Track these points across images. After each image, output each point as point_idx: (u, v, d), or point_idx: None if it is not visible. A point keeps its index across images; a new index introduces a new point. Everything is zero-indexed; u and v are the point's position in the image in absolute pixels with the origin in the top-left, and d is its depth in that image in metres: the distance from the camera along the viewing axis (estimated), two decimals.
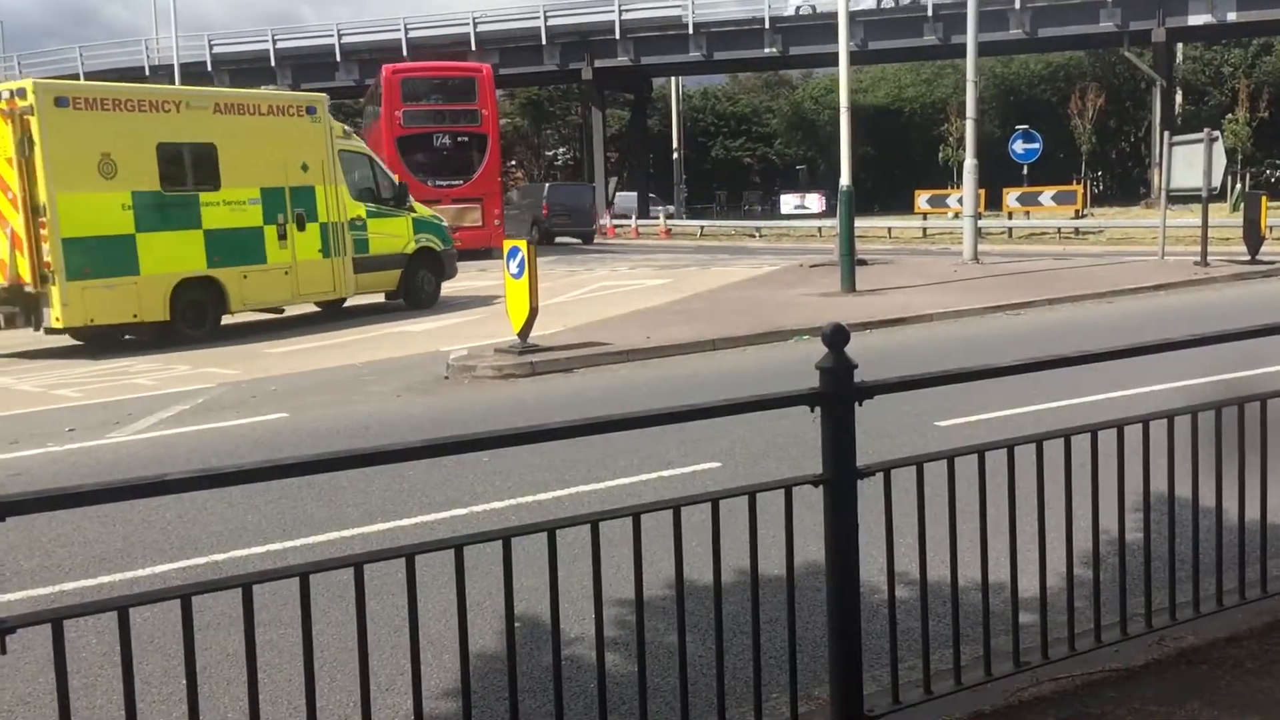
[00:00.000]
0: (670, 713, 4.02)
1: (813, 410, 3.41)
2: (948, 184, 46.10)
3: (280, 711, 4.23)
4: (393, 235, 19.23)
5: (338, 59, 50.35)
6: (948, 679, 3.78)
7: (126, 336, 15.79)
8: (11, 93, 14.45)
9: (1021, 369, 4.09)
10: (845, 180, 18.07)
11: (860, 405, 3.43)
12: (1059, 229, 34.57)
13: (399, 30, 49.54)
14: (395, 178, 20.18)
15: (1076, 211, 36.59)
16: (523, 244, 12.43)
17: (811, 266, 23.78)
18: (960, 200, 28.42)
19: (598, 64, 49.33)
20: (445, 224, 21.25)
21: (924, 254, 29.36)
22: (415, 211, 20.00)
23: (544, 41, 48.75)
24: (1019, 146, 33.96)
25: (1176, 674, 3.96)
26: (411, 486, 7.18)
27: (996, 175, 35.29)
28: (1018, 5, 42.96)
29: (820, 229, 40.57)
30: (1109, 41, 46.88)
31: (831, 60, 34.58)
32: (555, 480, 7.25)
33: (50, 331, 14.96)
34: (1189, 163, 20.56)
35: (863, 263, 20.61)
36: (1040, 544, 3.92)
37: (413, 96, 33.22)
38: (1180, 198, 23.43)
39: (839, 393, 3.37)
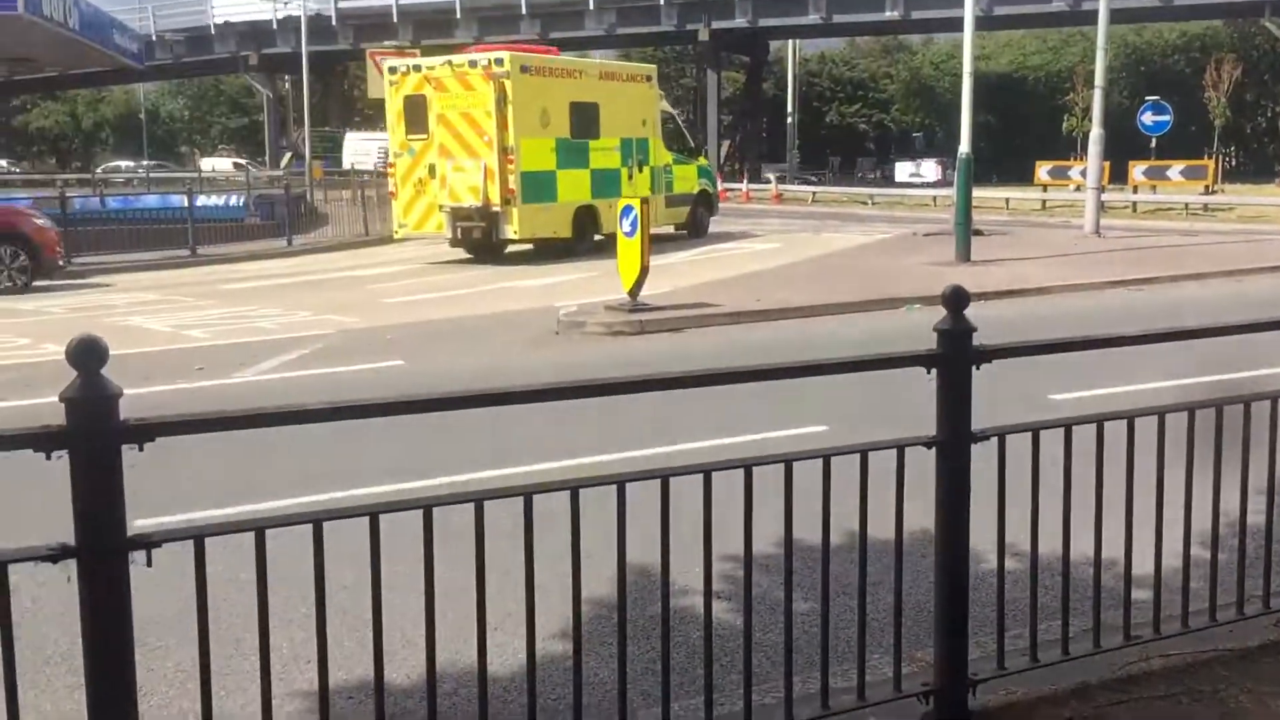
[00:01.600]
0: (773, 667, 4.07)
1: (929, 372, 3.40)
2: (1070, 155, 44.83)
3: (394, 643, 4.38)
4: (686, 179, 24.31)
5: (458, 16, 50.79)
6: (1054, 649, 3.75)
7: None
8: (491, 60, 19.26)
9: (1145, 339, 4.00)
10: (965, 147, 17.73)
11: (978, 369, 3.40)
12: (1186, 205, 33.34)
13: None
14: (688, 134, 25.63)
15: (1206, 187, 35.25)
16: (636, 203, 12.49)
17: (925, 235, 23.39)
18: (1083, 172, 27.66)
19: (715, 25, 48.91)
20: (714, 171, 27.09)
21: (1042, 226, 28.61)
22: (699, 160, 25.40)
23: (661, 2, 48.47)
24: (1148, 118, 32.77)
25: None
26: (523, 436, 7.33)
27: (1122, 148, 34.15)
28: None
29: (935, 198, 39.81)
30: (1250, 11, 44.85)
31: (955, 25, 33.74)
32: (662, 437, 7.33)
33: (503, 242, 19.97)
34: None
35: (978, 233, 20.20)
36: (1157, 521, 3.85)
37: None
38: None
39: (957, 355, 3.35)
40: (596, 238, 20.93)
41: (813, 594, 4.67)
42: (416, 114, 19.82)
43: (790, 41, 57.91)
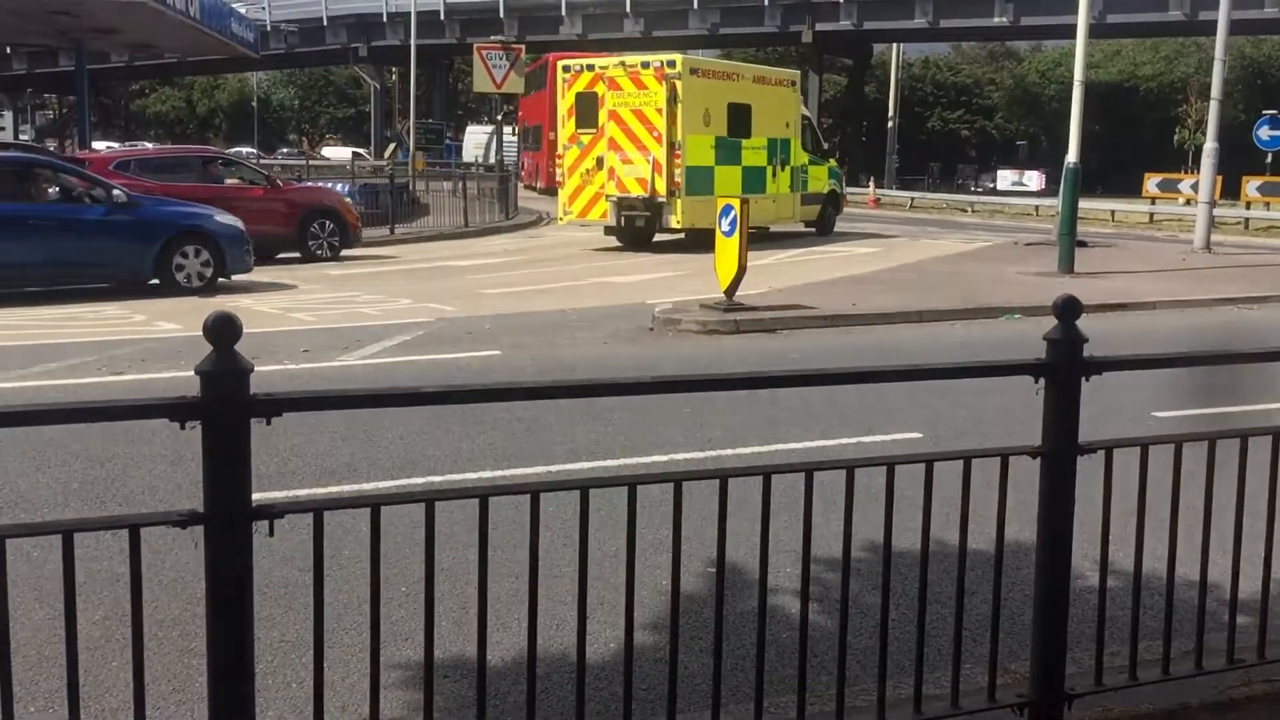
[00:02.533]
0: (863, 671, 4.07)
1: (1036, 381, 3.37)
2: (1180, 168, 43.64)
3: (491, 625, 4.47)
4: (818, 179, 25.47)
5: (563, 13, 51.22)
6: (1154, 668, 3.69)
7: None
8: (663, 63, 20.48)
9: (1258, 357, 3.91)
10: (1072, 156, 17.39)
11: (1087, 380, 3.37)
12: None
13: None
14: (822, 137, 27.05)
15: None
16: (736, 202, 12.51)
17: (1026, 245, 22.99)
18: (1193, 185, 26.91)
19: (819, 27, 48.63)
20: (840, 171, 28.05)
21: (1149, 240, 27.92)
22: (829, 162, 26.53)
23: (766, 3, 48.31)
24: (1264, 133, 31.71)
25: None
26: (615, 430, 7.40)
27: (1236, 162, 33.09)
28: None
29: (1037, 208, 39.04)
30: None
31: (1064, 32, 33.07)
32: (755, 438, 7.34)
33: (665, 230, 21.17)
34: None
35: (1082, 244, 19.78)
36: (1268, 545, 3.77)
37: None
38: None
39: (1067, 365, 3.32)
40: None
41: (905, 600, 4.66)
42: (588, 109, 20.96)
43: (894, 45, 57.29)
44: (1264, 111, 33.20)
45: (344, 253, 19.66)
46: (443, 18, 52.72)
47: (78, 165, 16.24)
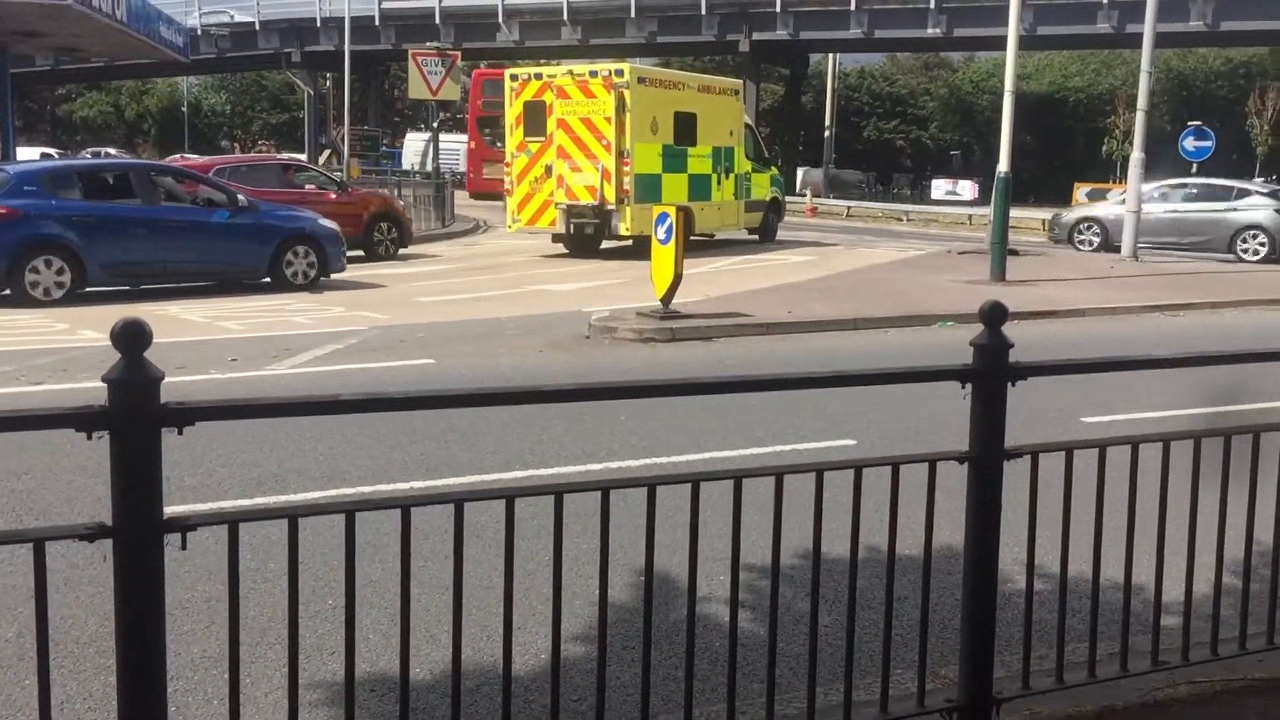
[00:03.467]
0: (794, 677, 4.06)
1: (964, 386, 3.38)
2: (1110, 178, 44.55)
3: (419, 639, 4.40)
4: (761, 186, 25.89)
5: (500, 20, 51.01)
6: (1080, 670, 3.72)
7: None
8: (611, 72, 20.77)
9: (1184, 362, 3.97)
10: (1004, 166, 17.63)
11: (1013, 385, 3.38)
12: None
13: None
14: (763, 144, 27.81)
15: None
16: (671, 210, 12.51)
17: (960, 253, 23.28)
18: (1122, 195, 27.42)
19: (756, 36, 48.90)
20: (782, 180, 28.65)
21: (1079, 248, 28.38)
22: (771, 170, 27.10)
23: (703, 11, 48.52)
24: (1189, 144, 32.44)
25: None
26: (551, 439, 7.34)
27: (1163, 172, 33.82)
28: None
29: (970, 216, 39.63)
30: None
31: (996, 44, 33.60)
32: (691, 445, 7.32)
33: (614, 237, 21.27)
34: None
35: (1014, 253, 20.08)
36: (1189, 547, 3.82)
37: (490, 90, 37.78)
38: None
39: (993, 370, 3.33)
40: (691, 237, 21.73)
41: (837, 606, 4.66)
42: (536, 118, 21.14)
43: (830, 55, 57.83)
44: (1189, 122, 33.99)
45: (400, 251, 21.13)
46: (378, 23, 52.23)
47: (202, 173, 17.63)
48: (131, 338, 2.38)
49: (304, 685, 4.10)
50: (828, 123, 57.54)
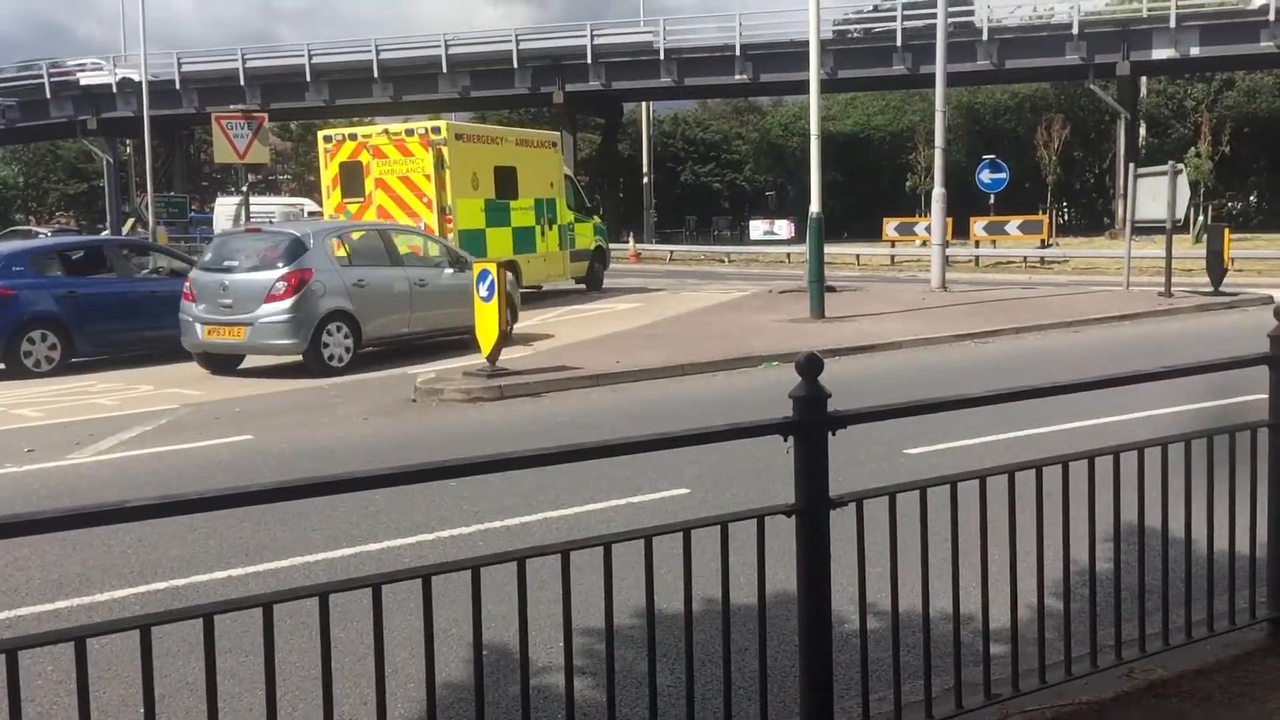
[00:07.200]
0: None
1: (785, 439, 3.39)
2: (915, 212, 46.51)
3: None
4: (584, 235, 26.32)
5: (308, 79, 50.13)
6: (919, 711, 3.75)
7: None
8: (428, 129, 20.87)
9: (995, 399, 4.09)
10: (815, 207, 18.15)
11: (834, 435, 3.41)
12: (1025, 258, 34.87)
13: (370, 51, 49.30)
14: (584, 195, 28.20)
15: (1042, 241, 36.90)
16: (493, 267, 12.38)
17: (781, 292, 23.84)
18: (928, 228, 28.65)
19: (569, 88, 49.40)
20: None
21: (892, 281, 29.52)
22: (594, 219, 27.55)
23: (515, 65, 48.73)
24: (986, 176, 34.29)
25: (1146, 707, 3.95)
26: (378, 511, 7.10)
27: (964, 204, 35.58)
28: (985, 37, 43.45)
29: (789, 255, 40.66)
30: (1074, 74, 47.45)
31: (801, 88, 34.79)
32: (523, 506, 7.19)
33: None
34: (1153, 195, 20.78)
35: (831, 289, 20.69)
36: (1011, 575, 3.92)
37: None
38: (1144, 229, 23.71)
39: (812, 422, 3.35)
40: (521, 290, 22.29)
41: (679, 664, 4.60)
42: (353, 179, 21.06)
43: (644, 103, 58.85)
44: (984, 156, 35.87)
45: None
46: (178, 87, 50.56)
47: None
48: None
49: None
50: (646, 169, 58.41)
